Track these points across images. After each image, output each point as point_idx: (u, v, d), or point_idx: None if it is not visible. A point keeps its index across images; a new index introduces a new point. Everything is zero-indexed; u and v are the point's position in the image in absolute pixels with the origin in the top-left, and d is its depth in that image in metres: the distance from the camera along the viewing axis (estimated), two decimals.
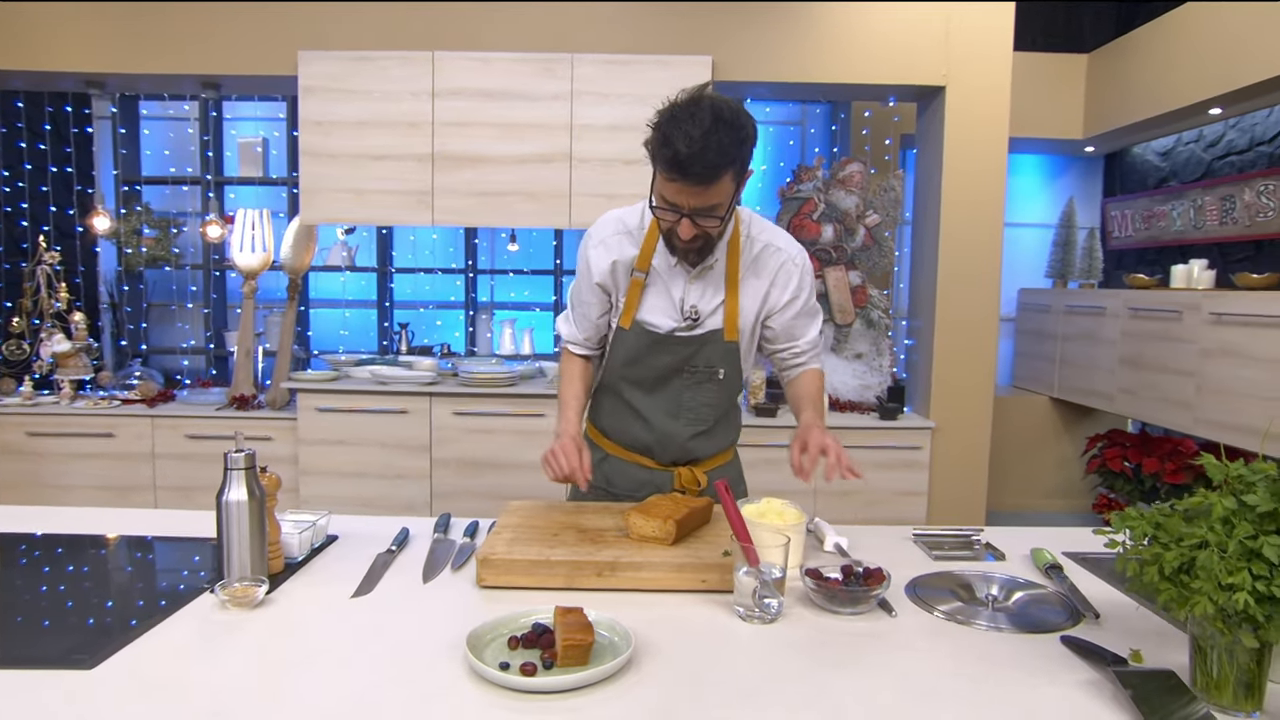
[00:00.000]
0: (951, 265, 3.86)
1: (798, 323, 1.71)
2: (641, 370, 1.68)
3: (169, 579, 1.48)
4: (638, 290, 1.65)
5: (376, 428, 3.71)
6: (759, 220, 1.70)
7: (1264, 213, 3.93)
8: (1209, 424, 3.55)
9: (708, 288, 1.64)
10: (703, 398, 1.70)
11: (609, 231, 1.67)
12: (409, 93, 3.66)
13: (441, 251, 4.72)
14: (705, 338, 1.65)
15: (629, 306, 1.66)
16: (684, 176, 1.41)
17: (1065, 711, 1.00)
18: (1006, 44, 3.74)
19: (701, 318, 1.64)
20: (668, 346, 1.65)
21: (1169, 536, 0.99)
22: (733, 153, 1.42)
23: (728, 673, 1.08)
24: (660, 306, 1.64)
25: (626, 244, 1.65)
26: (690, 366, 1.67)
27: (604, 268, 1.65)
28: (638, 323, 1.65)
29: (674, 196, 1.46)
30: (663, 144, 1.41)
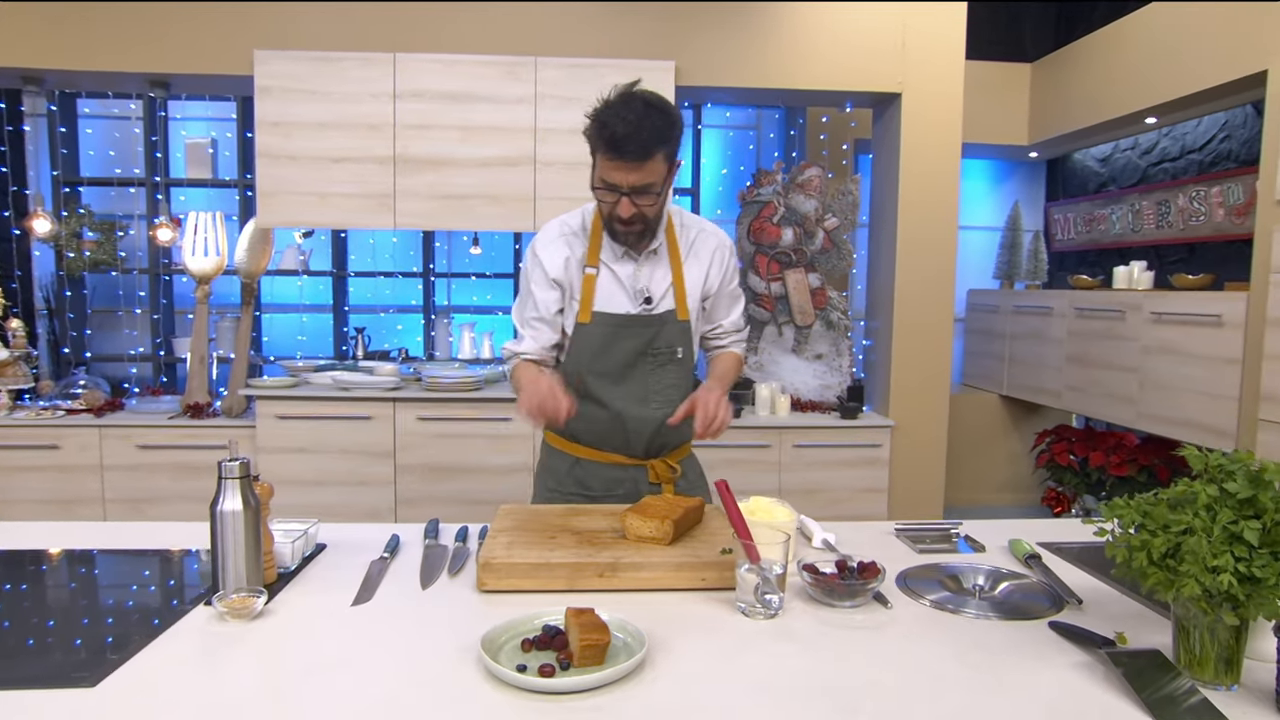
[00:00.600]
0: (908, 267, 3.97)
1: (723, 304, 1.85)
2: (607, 361, 1.74)
3: (158, 593, 1.44)
4: (591, 284, 1.72)
5: (339, 434, 3.64)
6: (687, 213, 1.85)
7: (1196, 217, 4.14)
8: (1151, 418, 3.72)
9: (655, 270, 1.75)
10: (668, 379, 1.77)
11: (555, 234, 1.76)
12: (370, 94, 3.61)
13: (399, 255, 4.65)
14: (663, 318, 1.74)
15: (585, 301, 1.72)
16: (621, 154, 1.53)
17: (1062, 692, 1.05)
18: (959, 52, 3.86)
19: (655, 299, 1.74)
20: (630, 330, 1.73)
21: (1155, 524, 1.05)
22: (665, 134, 1.56)
23: (739, 667, 1.11)
24: (615, 294, 1.73)
25: (575, 242, 1.74)
26: (653, 349, 1.75)
27: (558, 263, 1.72)
28: (597, 313, 1.72)
29: (612, 176, 1.57)
30: (601, 128, 1.54)
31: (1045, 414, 5.23)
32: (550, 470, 1.86)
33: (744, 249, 4.33)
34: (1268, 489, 1.00)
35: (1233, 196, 3.89)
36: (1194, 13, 3.61)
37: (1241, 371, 3.20)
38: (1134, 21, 4.04)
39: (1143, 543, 1.05)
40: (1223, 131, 4.12)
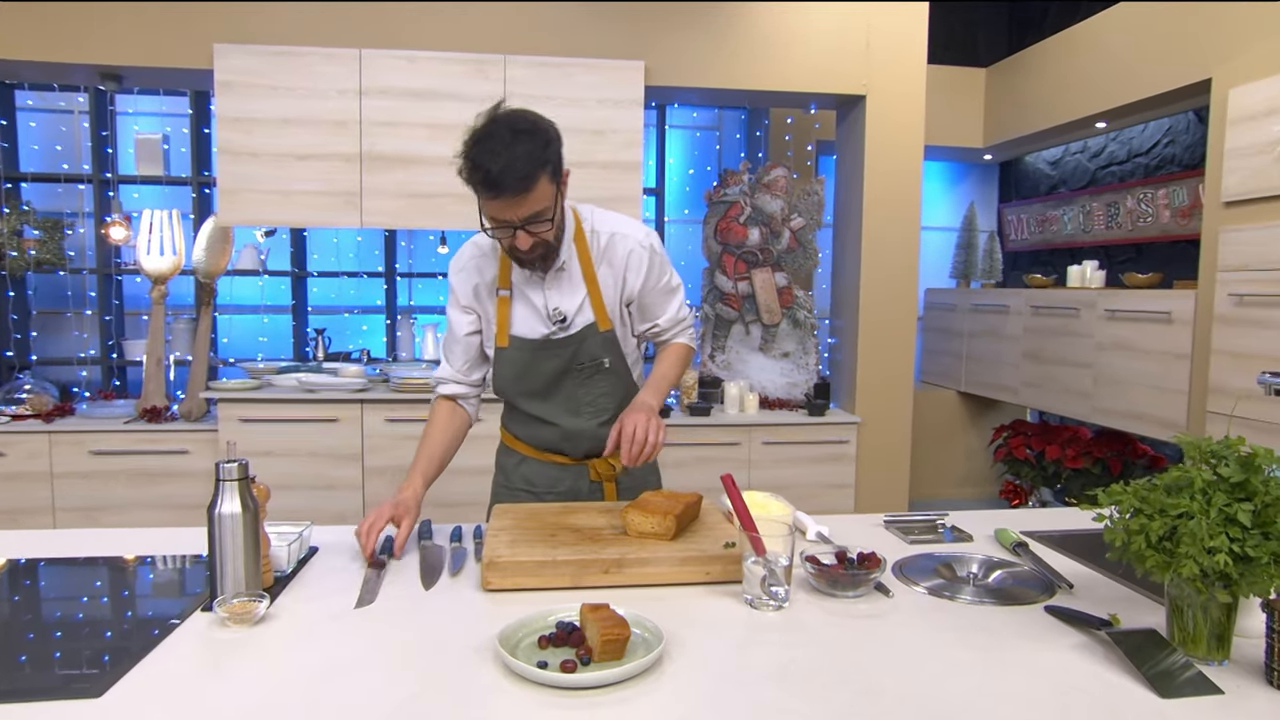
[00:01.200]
0: (873, 267, 4.04)
1: (655, 301, 1.77)
2: (531, 381, 1.73)
3: (150, 600, 1.39)
4: (506, 307, 1.70)
5: (305, 437, 3.57)
6: (600, 212, 1.76)
7: (1144, 218, 4.31)
8: (1105, 412, 3.86)
9: (564, 288, 1.69)
10: (597, 389, 1.76)
11: (466, 257, 1.72)
12: (335, 90, 3.54)
13: (362, 254, 4.57)
14: (581, 334, 1.70)
15: (501, 325, 1.70)
16: (501, 192, 1.45)
17: (1067, 671, 1.08)
18: (921, 55, 3.95)
19: (569, 318, 1.69)
20: (548, 351, 1.70)
21: (1152, 509, 1.10)
22: (539, 156, 1.47)
23: (755, 658, 1.12)
24: (528, 316, 1.70)
25: (486, 266, 1.70)
26: (576, 365, 1.72)
27: (467, 291, 1.71)
28: (513, 337, 1.70)
29: (500, 213, 1.50)
30: (473, 169, 1.46)
31: (1001, 409, 5.38)
32: (501, 467, 1.90)
33: (711, 248, 4.37)
34: (1258, 473, 1.05)
35: (1178, 199, 4.05)
36: (1142, 22, 3.75)
37: (1190, 366, 3.34)
38: (1085, 29, 4.19)
39: (1141, 527, 1.09)
40: (1167, 136, 4.30)
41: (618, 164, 3.74)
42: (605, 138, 3.72)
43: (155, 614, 1.28)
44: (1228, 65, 3.22)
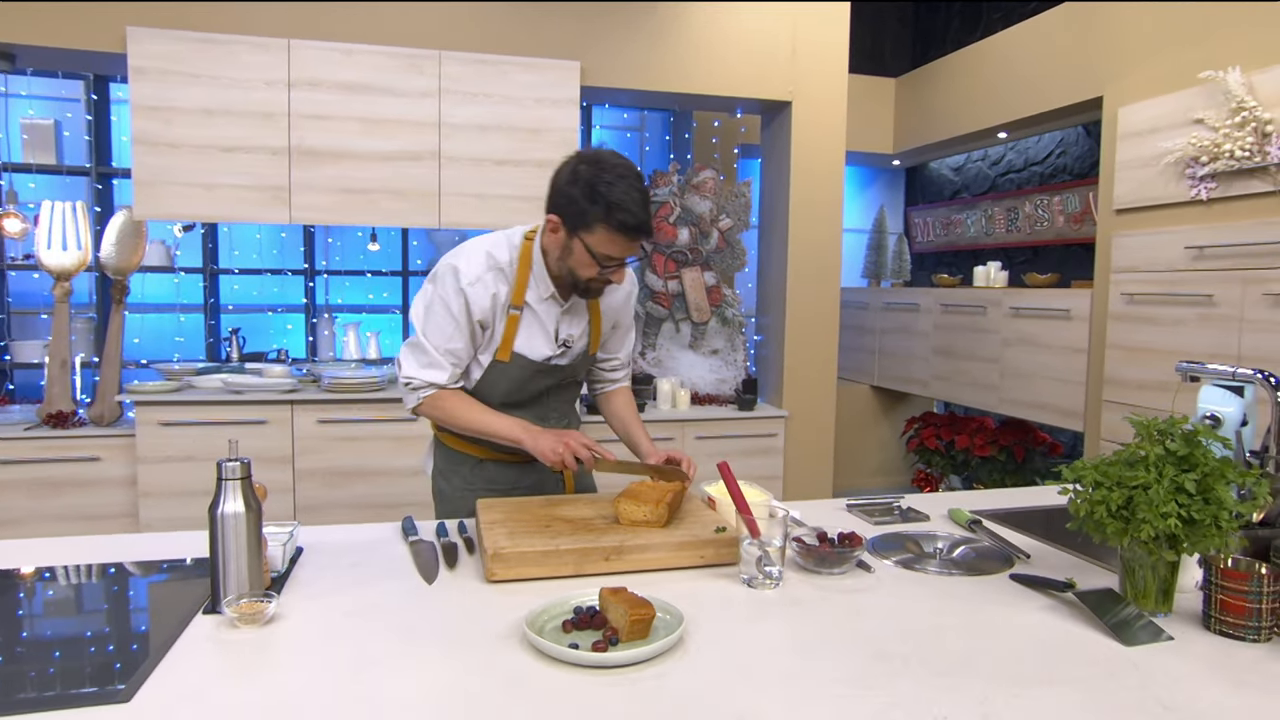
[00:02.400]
0: (799, 267, 4.21)
1: (623, 335, 1.93)
2: (518, 394, 1.80)
3: (145, 608, 1.34)
4: (515, 326, 1.72)
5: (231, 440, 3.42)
6: None
7: (1040, 222, 4.66)
8: (1011, 403, 4.16)
9: (575, 318, 1.78)
10: (566, 398, 1.89)
11: (482, 269, 1.68)
12: (262, 81, 3.41)
13: (279, 251, 4.41)
14: (577, 358, 1.81)
15: (506, 341, 1.72)
16: (639, 236, 1.58)
17: (1041, 628, 1.21)
18: (843, 63, 4.15)
19: (573, 342, 1.79)
20: (547, 373, 1.78)
21: (1111, 481, 1.23)
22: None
23: (766, 632, 1.19)
24: (536, 338, 1.74)
25: (500, 281, 1.69)
26: (563, 383, 1.85)
27: (485, 305, 1.68)
28: (516, 354, 1.73)
29: (622, 251, 1.60)
30: (619, 210, 1.53)
31: (910, 402, 5.69)
32: (455, 472, 1.88)
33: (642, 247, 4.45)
34: (1199, 446, 1.20)
35: (1071, 205, 4.41)
36: (1042, 41, 4.06)
37: (1088, 359, 3.65)
38: (989, 45, 4.49)
39: (1103, 498, 1.22)
40: (1059, 147, 4.66)
41: (554, 163, 3.72)
42: (541, 136, 3.73)
43: (155, 621, 1.24)
44: (1117, 85, 3.54)
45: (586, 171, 1.55)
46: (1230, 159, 2.91)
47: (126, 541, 1.59)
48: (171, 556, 1.49)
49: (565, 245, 1.62)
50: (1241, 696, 1.02)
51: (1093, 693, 1.01)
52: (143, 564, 1.46)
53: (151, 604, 1.33)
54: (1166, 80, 3.25)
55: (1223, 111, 2.94)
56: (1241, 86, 2.87)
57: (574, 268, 1.64)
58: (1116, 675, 1.06)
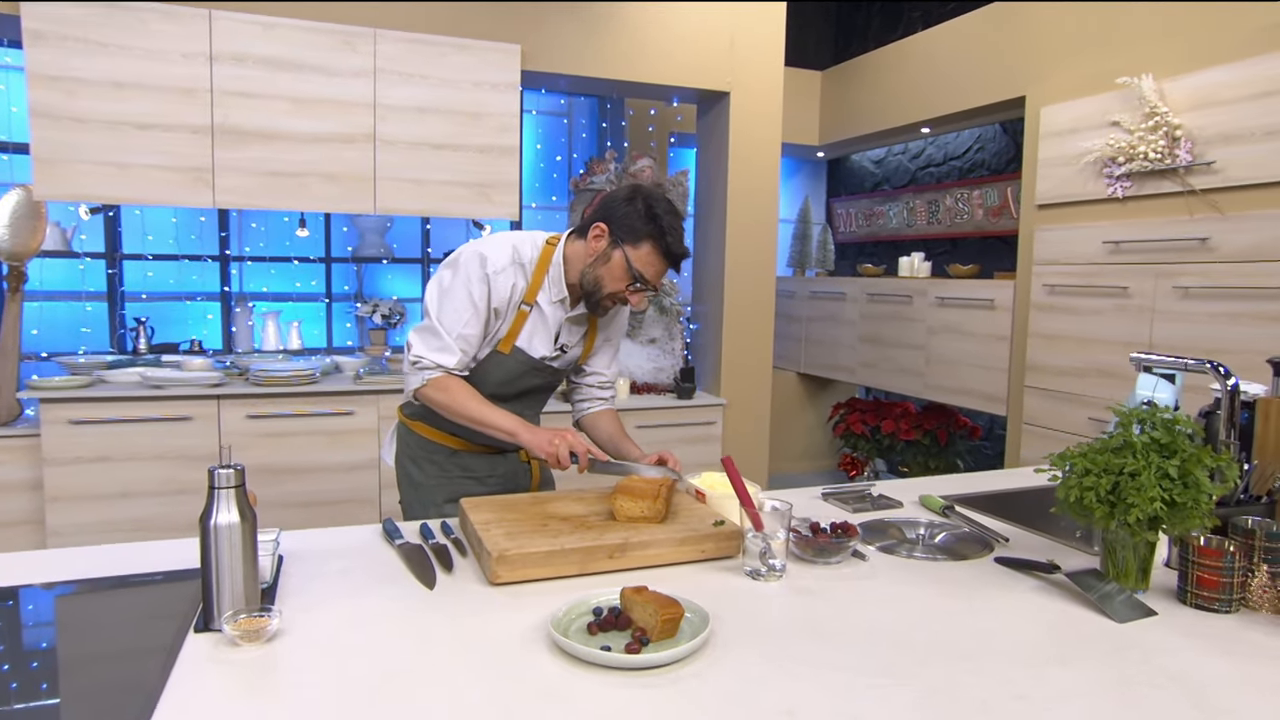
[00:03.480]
0: (736, 255, 4.26)
1: (611, 354, 1.99)
2: (508, 388, 1.85)
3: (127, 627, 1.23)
4: (522, 321, 1.78)
5: (150, 439, 3.21)
6: None
7: (961, 215, 4.87)
8: (936, 388, 4.34)
9: (575, 327, 1.85)
10: (541, 400, 1.96)
11: (506, 260, 1.74)
12: (180, 54, 3.18)
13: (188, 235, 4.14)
14: (568, 365, 1.90)
15: (511, 334, 1.78)
16: (675, 264, 1.72)
17: (1039, 609, 1.27)
18: (779, 55, 4.20)
19: (569, 349, 1.86)
20: (540, 372, 1.84)
21: (1099, 468, 1.30)
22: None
23: (786, 623, 1.21)
24: (538, 337, 1.80)
25: (520, 276, 1.76)
26: (551, 384, 1.92)
27: (505, 295, 1.74)
28: (517, 349, 1.79)
29: (656, 274, 1.71)
30: (668, 233, 1.67)
31: (834, 388, 5.86)
32: (429, 460, 1.90)
33: None
34: (1179, 435, 1.28)
35: (990, 199, 4.62)
36: (967, 41, 4.23)
37: (1010, 347, 3.85)
38: (915, 43, 4.64)
39: (1092, 484, 1.29)
40: (977, 144, 4.88)
41: (494, 148, 3.67)
42: (481, 121, 3.63)
43: (138, 646, 1.14)
44: (1039, 86, 3.73)
45: (646, 196, 1.69)
46: (1144, 160, 3.11)
47: (56, 558, 1.47)
48: (121, 571, 1.38)
49: (604, 254, 1.70)
50: (1233, 663, 1.10)
51: (1105, 670, 1.07)
52: (89, 581, 1.35)
53: (128, 626, 1.23)
54: (1086, 84, 3.45)
55: (1137, 115, 3.14)
56: (1154, 93, 3.07)
57: (602, 277, 1.71)
58: (1120, 651, 1.13)
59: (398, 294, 4.59)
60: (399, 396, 3.49)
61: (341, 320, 4.56)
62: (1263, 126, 2.77)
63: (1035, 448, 3.65)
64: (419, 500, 1.90)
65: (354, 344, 4.52)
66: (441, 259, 4.60)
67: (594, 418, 1.98)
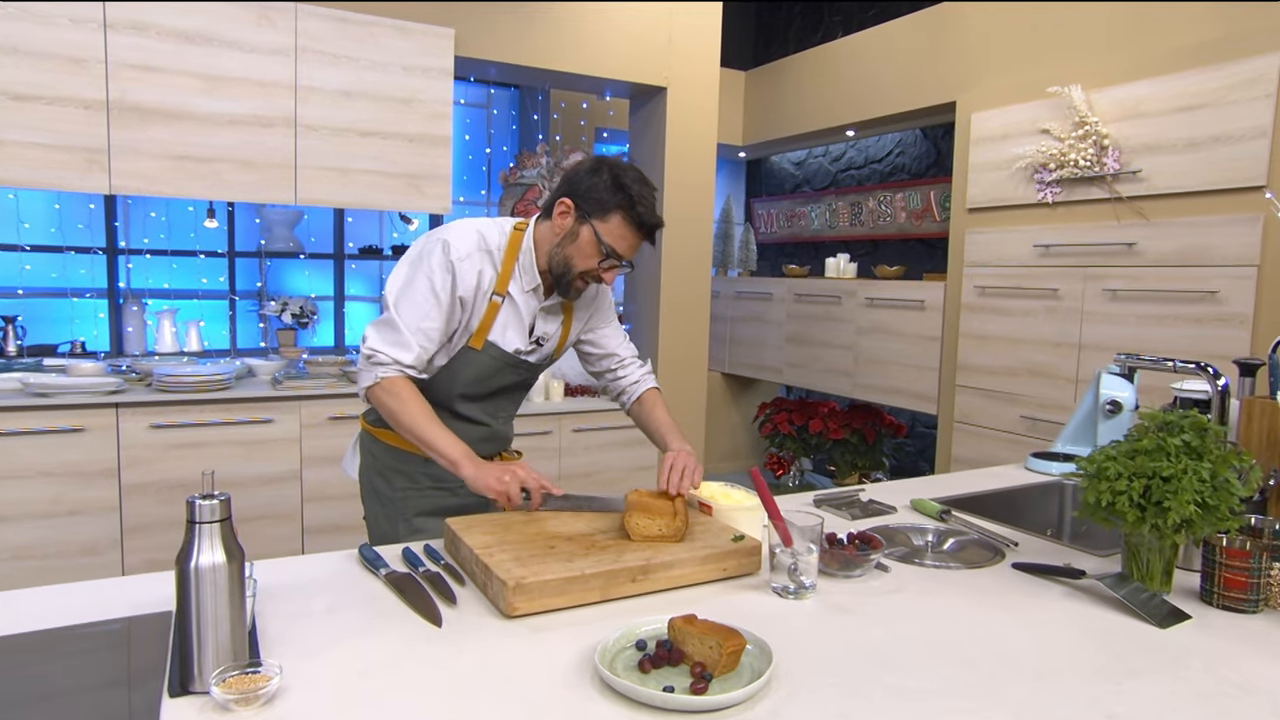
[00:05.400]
0: (672, 253, 4.20)
1: (612, 335, 1.88)
2: (481, 386, 1.72)
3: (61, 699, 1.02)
4: (494, 313, 1.66)
5: (34, 454, 2.84)
6: None
7: (883, 218, 4.97)
8: (866, 388, 4.41)
9: (551, 317, 1.75)
10: (516, 400, 1.84)
11: (472, 247, 1.63)
12: (67, 19, 2.83)
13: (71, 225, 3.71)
14: (543, 360, 1.78)
15: (483, 328, 1.66)
16: (649, 235, 1.60)
17: (1081, 616, 1.24)
18: (715, 52, 4.16)
19: (545, 341, 1.75)
20: (515, 368, 1.73)
21: (1130, 471, 1.29)
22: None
23: (837, 645, 1.12)
24: (512, 329, 1.69)
25: (487, 264, 1.64)
26: (525, 382, 1.80)
27: (471, 283, 1.62)
28: (490, 344, 1.68)
29: (628, 248, 1.60)
30: (637, 202, 1.56)
31: (757, 388, 5.90)
32: (397, 471, 1.74)
33: None
34: (1209, 438, 1.28)
35: (913, 203, 4.74)
36: (896, 46, 4.31)
37: (941, 347, 3.95)
38: (843, 46, 4.70)
39: (1124, 487, 1.28)
40: (898, 147, 5.00)
41: (426, 137, 3.46)
42: (413, 108, 3.41)
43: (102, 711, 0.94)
44: (970, 93, 3.83)
45: (612, 166, 1.58)
46: (1074, 167, 3.23)
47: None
48: (45, 623, 1.16)
49: (571, 231, 1.59)
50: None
51: (1177, 682, 1.04)
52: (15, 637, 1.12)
53: (75, 695, 1.02)
54: (1016, 91, 3.56)
55: (1067, 124, 3.27)
56: (1084, 103, 3.20)
57: (571, 256, 1.60)
58: (1179, 660, 1.11)
59: (311, 291, 4.28)
60: (322, 403, 3.24)
61: (246, 320, 4.21)
62: (1185, 139, 2.92)
63: (967, 445, 3.75)
64: (387, 516, 1.73)
65: (263, 345, 4.18)
66: (358, 254, 4.33)
67: (636, 409, 1.86)
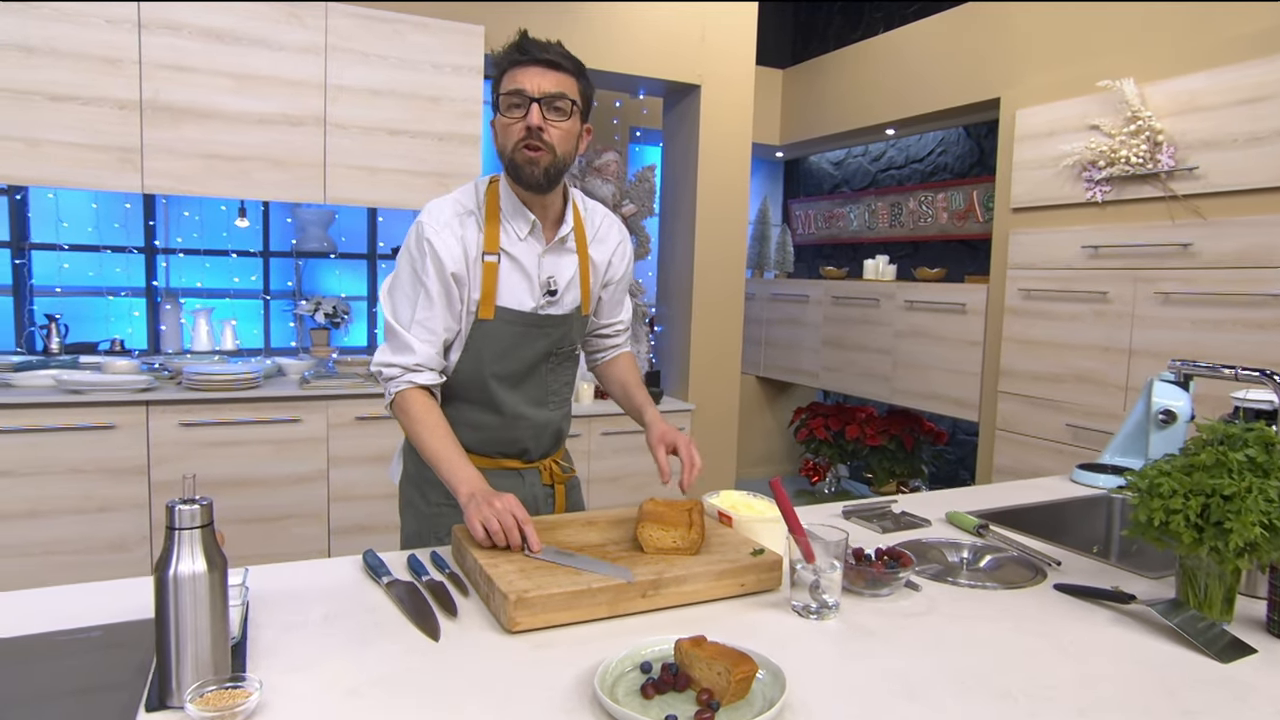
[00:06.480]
0: (706, 255, 4.12)
1: (622, 297, 1.76)
2: (511, 362, 1.57)
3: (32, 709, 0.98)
4: (493, 274, 1.51)
5: (65, 450, 2.86)
6: (588, 198, 1.70)
7: (924, 219, 4.83)
8: (904, 393, 4.28)
9: (561, 259, 1.58)
10: (564, 377, 1.68)
11: (449, 214, 1.50)
12: (102, 19, 2.85)
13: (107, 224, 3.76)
14: (569, 316, 1.60)
15: (487, 295, 1.51)
16: (532, 55, 1.41)
17: (1132, 647, 1.13)
18: (751, 50, 4.07)
19: (560, 291, 1.57)
20: (539, 330, 1.56)
21: (1186, 488, 1.18)
22: (577, 65, 1.46)
23: (862, 672, 1.04)
24: (518, 285, 1.54)
25: (470, 227, 1.51)
26: (558, 349, 1.62)
27: (456, 254, 1.48)
28: (500, 309, 1.52)
29: (522, 82, 1.41)
30: (510, 48, 1.44)
31: (793, 392, 5.78)
32: (428, 482, 1.60)
33: None
34: (1277, 453, 1.17)
35: (955, 203, 4.59)
36: (938, 41, 4.18)
37: (983, 351, 3.80)
38: (883, 42, 4.58)
39: (1180, 505, 1.17)
40: (940, 146, 4.85)
41: (455, 136, 3.43)
42: (441, 106, 3.39)
43: None
44: (1015, 88, 3.69)
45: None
46: (1125, 165, 3.08)
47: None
48: (32, 628, 1.13)
49: (494, 126, 1.48)
50: None
51: None
52: None
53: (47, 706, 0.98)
54: (1064, 86, 3.41)
55: (1119, 119, 3.11)
56: (1136, 97, 3.05)
57: (504, 146, 1.46)
58: (1242, 699, 1.00)
59: (343, 291, 4.29)
60: (349, 403, 3.23)
61: (280, 319, 4.23)
62: (1246, 133, 2.76)
63: (1009, 454, 3.60)
64: (420, 534, 1.61)
65: (295, 345, 4.20)
66: (390, 254, 4.32)
67: (605, 367, 1.78)
